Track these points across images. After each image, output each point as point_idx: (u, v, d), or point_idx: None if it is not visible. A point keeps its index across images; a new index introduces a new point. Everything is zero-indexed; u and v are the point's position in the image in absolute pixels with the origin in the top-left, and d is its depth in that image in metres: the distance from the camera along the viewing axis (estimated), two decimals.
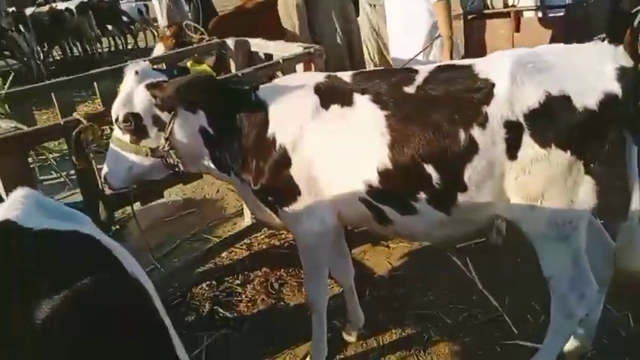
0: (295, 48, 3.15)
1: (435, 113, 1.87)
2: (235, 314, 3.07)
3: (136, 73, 2.08)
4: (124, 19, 13.21)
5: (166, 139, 2.10)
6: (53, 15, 11.85)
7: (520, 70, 1.80)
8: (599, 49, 1.83)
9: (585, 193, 1.85)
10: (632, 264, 1.95)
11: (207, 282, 3.36)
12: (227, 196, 4.57)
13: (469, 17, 5.57)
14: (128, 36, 13.73)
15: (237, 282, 3.33)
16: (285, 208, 2.17)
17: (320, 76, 2.19)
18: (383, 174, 1.96)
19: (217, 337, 2.91)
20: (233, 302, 3.17)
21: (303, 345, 2.71)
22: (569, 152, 1.78)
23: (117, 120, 2.12)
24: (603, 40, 1.84)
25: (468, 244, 3.48)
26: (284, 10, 4.25)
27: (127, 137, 2.14)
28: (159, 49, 4.18)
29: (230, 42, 3.67)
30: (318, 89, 2.10)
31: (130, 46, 13.69)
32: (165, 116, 2.09)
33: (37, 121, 3.34)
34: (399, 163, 1.92)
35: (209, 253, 3.41)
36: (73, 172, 2.36)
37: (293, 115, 2.09)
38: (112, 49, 13.59)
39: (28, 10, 11.89)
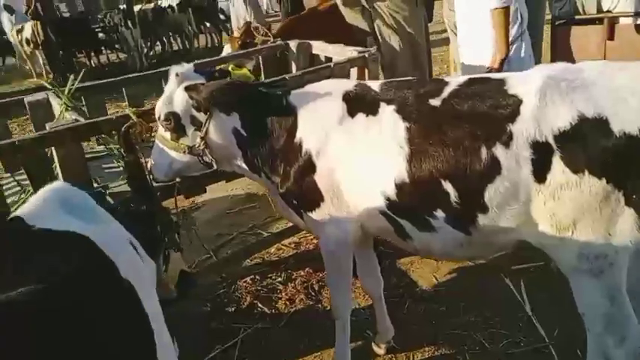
0: (350, 52, 3.14)
1: (457, 128, 1.78)
2: (273, 310, 3.14)
3: (177, 75, 2.20)
4: (221, 17, 13.90)
5: (202, 139, 2.20)
6: (157, 12, 12.81)
7: (551, 88, 1.66)
8: None
9: (625, 225, 1.66)
10: None
11: (252, 276, 3.46)
12: None
13: (557, 23, 5.16)
14: (223, 33, 14.41)
15: (280, 279, 3.40)
16: (309, 213, 2.19)
17: (350, 84, 2.18)
18: (400, 188, 1.90)
19: (253, 330, 2.98)
20: (273, 298, 3.24)
21: (331, 349, 2.69)
22: (604, 180, 1.61)
23: (159, 118, 2.25)
24: None
25: (526, 267, 3.28)
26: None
27: (168, 135, 2.28)
28: (227, 50, 4.36)
29: (293, 44, 3.74)
30: (346, 97, 2.09)
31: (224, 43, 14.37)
32: (201, 117, 2.19)
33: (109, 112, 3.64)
34: (416, 178, 1.86)
35: (256, 248, 3.53)
36: None
37: (320, 122, 2.09)
38: (209, 45, 14.35)
39: (136, 8, 12.95)
